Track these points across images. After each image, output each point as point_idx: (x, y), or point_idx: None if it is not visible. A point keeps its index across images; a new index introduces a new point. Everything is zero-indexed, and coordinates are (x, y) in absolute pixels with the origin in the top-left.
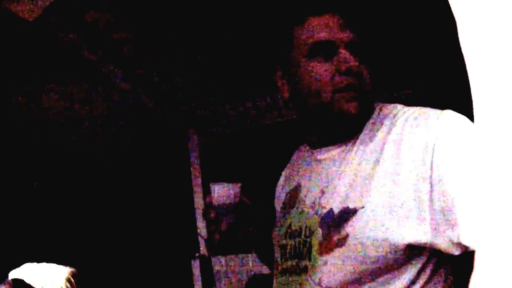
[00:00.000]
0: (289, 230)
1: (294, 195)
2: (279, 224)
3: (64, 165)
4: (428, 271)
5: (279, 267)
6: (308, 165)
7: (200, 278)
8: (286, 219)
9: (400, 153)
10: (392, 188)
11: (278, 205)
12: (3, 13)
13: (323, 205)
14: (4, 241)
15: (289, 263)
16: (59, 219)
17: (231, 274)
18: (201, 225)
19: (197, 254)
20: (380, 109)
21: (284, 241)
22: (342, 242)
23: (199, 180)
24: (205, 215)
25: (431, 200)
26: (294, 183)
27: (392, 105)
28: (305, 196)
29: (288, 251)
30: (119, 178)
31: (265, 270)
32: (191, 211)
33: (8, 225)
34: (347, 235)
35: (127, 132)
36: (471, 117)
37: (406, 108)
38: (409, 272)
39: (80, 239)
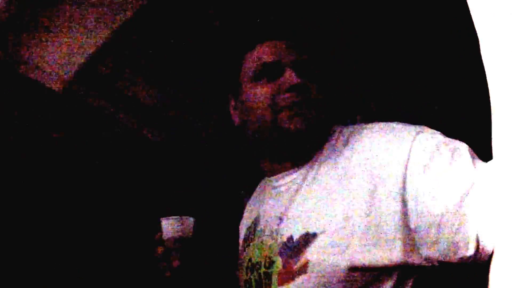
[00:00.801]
0: (249, 264)
1: (253, 228)
2: (241, 259)
3: None
4: (404, 284)
5: None
6: (266, 194)
7: None
8: (247, 253)
9: (368, 171)
10: (357, 209)
11: (240, 239)
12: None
13: (282, 232)
14: None
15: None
16: None
17: None
18: None
19: None
20: (340, 131)
21: (246, 276)
22: (302, 269)
23: None
24: (151, 253)
25: (403, 219)
26: (254, 215)
27: (355, 125)
28: (264, 226)
29: (251, 285)
30: None
31: None
32: None
33: None
34: (307, 262)
35: None
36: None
37: (371, 125)
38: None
39: None
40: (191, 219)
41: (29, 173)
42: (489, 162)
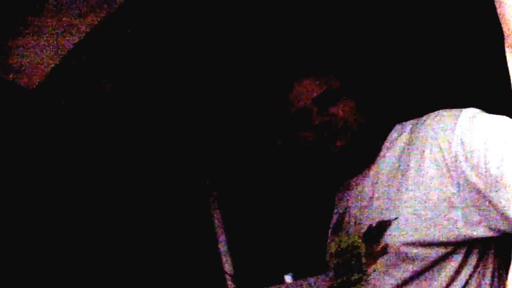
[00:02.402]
0: (338, 250)
1: (342, 218)
2: (331, 243)
3: None
4: (474, 257)
5: (335, 284)
6: (350, 190)
7: None
8: (335, 239)
9: (424, 157)
10: (420, 194)
11: (332, 223)
12: None
13: (364, 222)
14: None
15: (343, 278)
16: None
17: None
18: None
19: None
20: (398, 130)
21: (335, 260)
22: (383, 251)
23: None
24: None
25: (460, 196)
26: (344, 206)
27: (409, 124)
28: (349, 217)
29: (339, 268)
30: None
31: None
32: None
33: None
34: (386, 245)
35: None
36: None
37: (425, 116)
38: (454, 262)
39: None
40: None
41: None
42: None
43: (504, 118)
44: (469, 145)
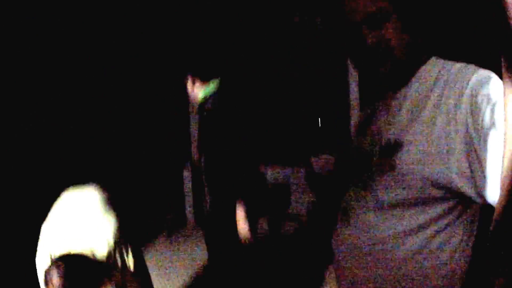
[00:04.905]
0: (358, 148)
1: (368, 123)
2: (355, 139)
3: None
4: (456, 211)
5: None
6: (377, 103)
7: None
8: (359, 138)
9: (441, 99)
10: (430, 132)
11: (360, 120)
12: None
13: (384, 134)
14: None
15: (353, 181)
16: None
17: None
18: None
19: None
20: (433, 63)
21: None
22: (391, 167)
23: None
24: None
25: (458, 143)
26: (371, 110)
27: (443, 62)
28: (375, 126)
29: (352, 173)
30: None
31: None
32: None
33: None
34: (395, 163)
35: None
36: None
37: (455, 63)
38: (440, 207)
39: None
40: None
41: None
42: None
43: None
44: (476, 102)
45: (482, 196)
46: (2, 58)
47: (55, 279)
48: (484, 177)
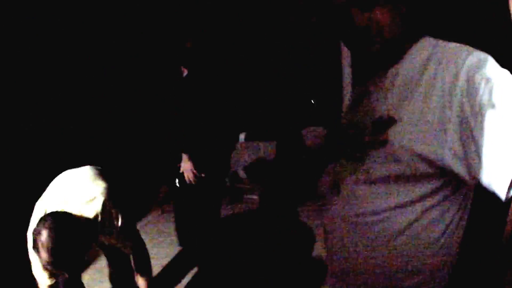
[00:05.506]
0: (351, 121)
1: (361, 98)
2: (347, 114)
3: None
4: (448, 188)
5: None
6: (370, 81)
7: None
8: (351, 113)
9: (436, 77)
10: (423, 110)
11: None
12: None
13: (377, 110)
14: None
15: (347, 149)
16: None
17: None
18: None
19: None
20: (425, 41)
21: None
22: (383, 143)
23: None
24: None
25: (452, 123)
26: (364, 89)
27: (435, 41)
28: (368, 101)
29: (344, 147)
30: None
31: None
32: None
33: None
34: (387, 140)
35: None
36: None
37: (448, 42)
38: (432, 183)
39: None
40: None
41: None
42: None
43: (507, 72)
44: (474, 83)
45: (474, 176)
46: (2, 58)
47: (43, 232)
48: (479, 158)
